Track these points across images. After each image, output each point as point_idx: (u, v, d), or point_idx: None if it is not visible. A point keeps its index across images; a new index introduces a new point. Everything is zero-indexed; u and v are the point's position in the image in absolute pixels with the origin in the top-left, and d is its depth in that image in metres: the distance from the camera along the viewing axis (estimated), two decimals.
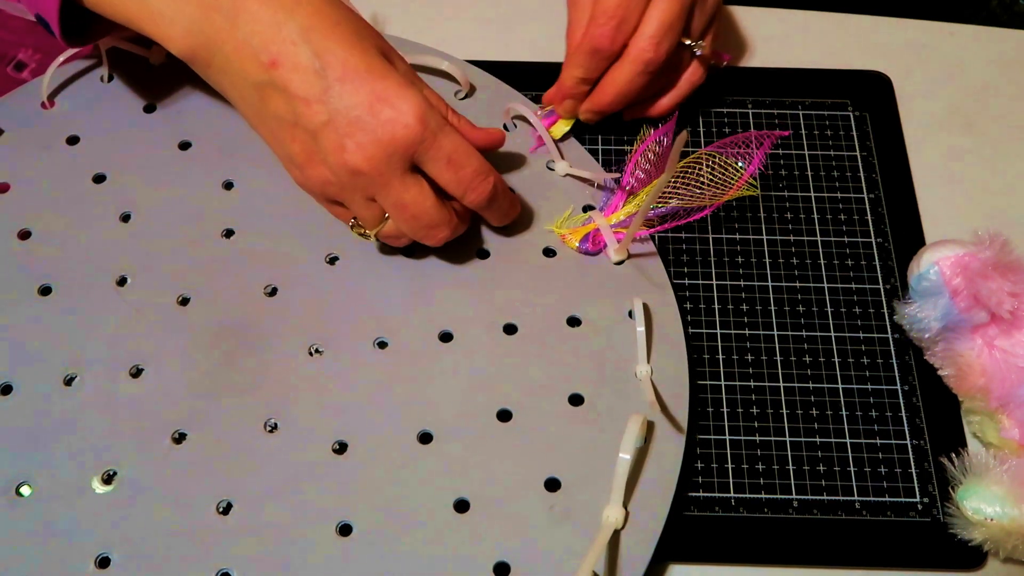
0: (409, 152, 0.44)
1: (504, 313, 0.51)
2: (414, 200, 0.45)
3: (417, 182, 0.45)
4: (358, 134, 0.43)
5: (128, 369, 0.49)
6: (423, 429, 0.47)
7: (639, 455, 0.46)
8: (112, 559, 0.44)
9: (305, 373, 0.49)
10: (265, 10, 0.43)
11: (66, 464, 0.46)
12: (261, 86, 0.44)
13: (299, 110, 0.44)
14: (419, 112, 0.43)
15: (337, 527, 0.45)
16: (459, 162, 0.45)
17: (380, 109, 0.43)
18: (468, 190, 0.46)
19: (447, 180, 0.46)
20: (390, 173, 0.44)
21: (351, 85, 0.43)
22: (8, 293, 0.51)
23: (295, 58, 0.43)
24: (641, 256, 0.53)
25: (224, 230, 0.53)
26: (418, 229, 0.47)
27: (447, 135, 0.44)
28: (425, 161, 0.45)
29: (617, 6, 0.50)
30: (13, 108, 0.57)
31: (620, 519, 0.44)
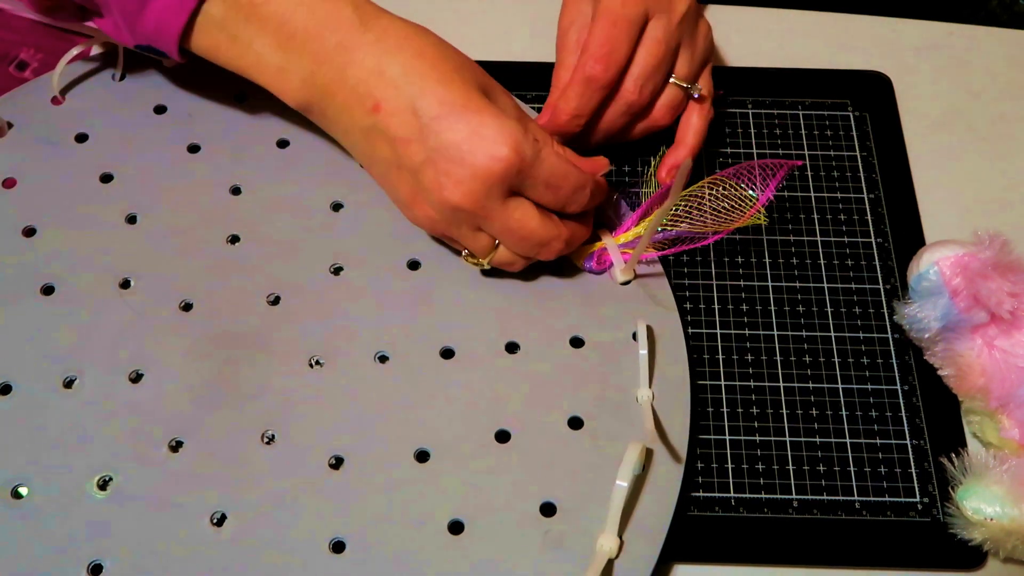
0: (506, 183, 0.45)
1: (507, 331, 0.50)
2: (519, 223, 0.46)
3: (520, 205, 0.46)
4: (455, 170, 0.44)
5: (128, 374, 0.48)
6: (420, 447, 0.47)
7: (636, 483, 0.46)
8: (104, 566, 0.44)
9: (305, 385, 0.48)
10: (370, 58, 0.45)
11: (62, 468, 0.46)
12: (367, 131, 0.46)
13: (400, 151, 0.46)
14: (513, 142, 0.44)
15: (330, 544, 0.44)
16: (557, 184, 0.46)
17: (475, 143, 0.44)
18: (568, 205, 0.47)
19: (547, 201, 0.47)
20: (490, 204, 0.45)
21: (447, 122, 0.44)
22: (10, 291, 0.50)
23: (395, 101, 0.45)
24: (648, 276, 0.52)
25: (229, 236, 0.53)
26: (530, 249, 0.48)
27: (542, 161, 0.45)
28: (524, 188, 0.46)
29: (607, 36, 0.50)
30: (23, 103, 0.56)
31: (614, 548, 0.44)
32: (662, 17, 0.52)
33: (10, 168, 0.54)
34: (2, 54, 0.59)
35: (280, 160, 0.55)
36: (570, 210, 0.48)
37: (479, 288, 0.52)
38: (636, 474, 0.45)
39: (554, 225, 0.48)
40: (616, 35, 0.50)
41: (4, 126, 0.55)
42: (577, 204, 0.47)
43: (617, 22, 0.50)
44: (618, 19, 0.50)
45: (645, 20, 0.51)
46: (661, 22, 0.51)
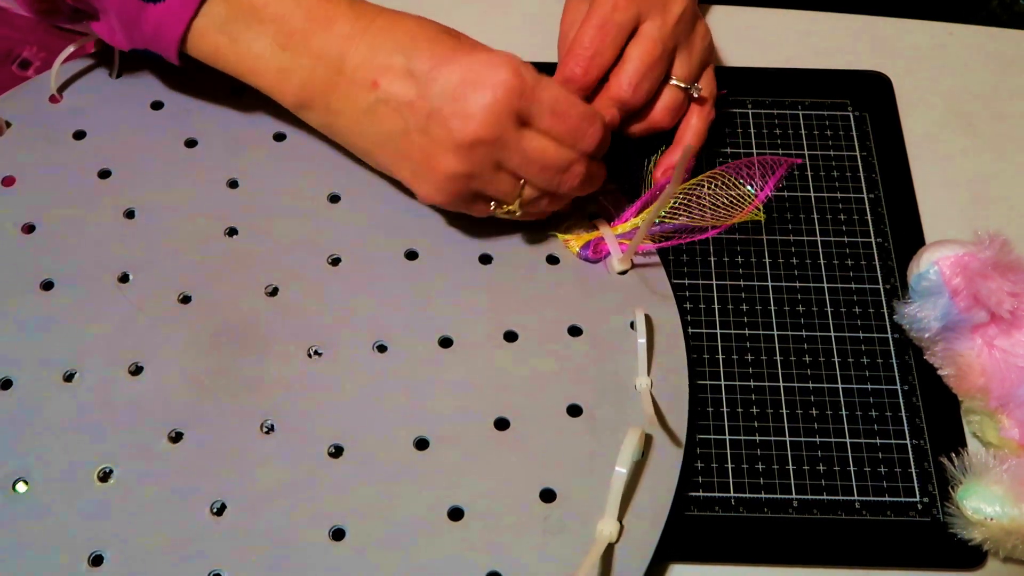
0: (513, 105, 0.45)
1: (505, 320, 0.50)
2: (537, 149, 0.46)
3: (535, 135, 0.46)
4: (463, 107, 0.45)
5: (128, 367, 0.49)
6: (419, 435, 0.47)
7: (636, 468, 0.46)
8: (105, 557, 0.44)
9: (303, 375, 0.49)
10: (363, 45, 0.47)
11: (63, 460, 0.46)
12: (371, 109, 0.47)
13: (406, 114, 0.46)
14: (512, 66, 0.45)
15: (330, 531, 0.45)
16: (564, 111, 0.46)
17: (475, 76, 0.45)
18: (579, 137, 0.47)
19: (558, 131, 0.46)
20: (505, 132, 0.45)
21: (442, 69, 0.45)
22: (10, 286, 0.51)
23: (390, 71, 0.46)
24: (645, 267, 0.53)
25: (227, 229, 0.53)
26: (552, 177, 0.47)
27: (545, 86, 0.46)
28: (531, 116, 0.46)
29: (592, 39, 0.51)
30: (21, 101, 0.57)
31: (614, 533, 0.44)
32: (656, 18, 0.52)
33: (9, 166, 0.54)
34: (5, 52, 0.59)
35: (277, 153, 0.55)
36: (583, 145, 0.47)
37: (477, 277, 0.52)
38: (636, 460, 0.45)
39: (573, 150, 0.47)
40: (601, 38, 0.51)
41: (3, 125, 0.56)
42: (590, 137, 0.47)
43: (604, 26, 0.50)
44: (605, 23, 0.51)
45: (637, 23, 0.51)
46: (656, 23, 0.51)
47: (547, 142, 0.47)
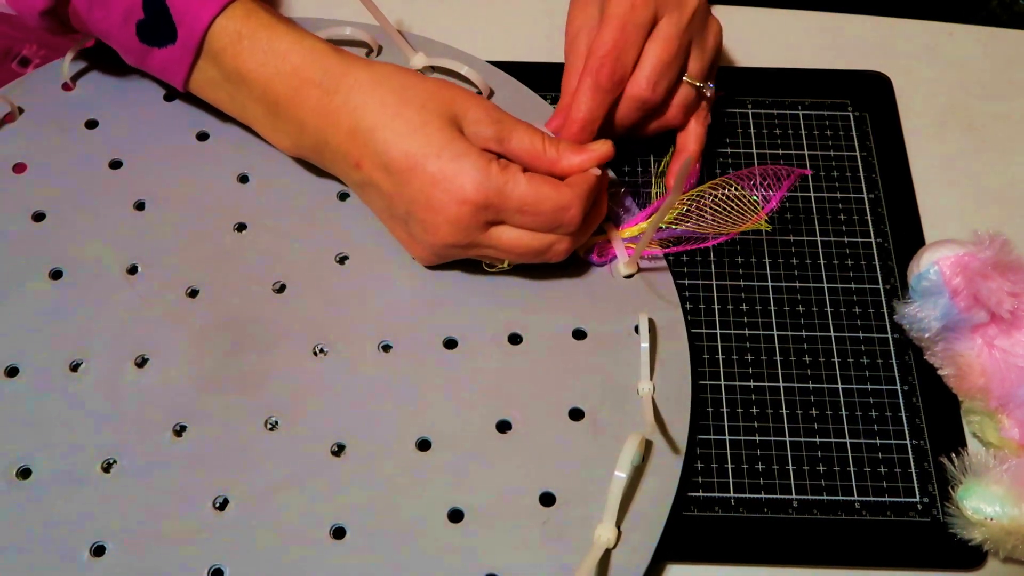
0: (478, 217, 0.46)
1: (510, 322, 0.51)
2: (511, 242, 0.48)
3: (507, 229, 0.48)
4: (431, 218, 0.47)
5: (134, 359, 0.49)
6: (422, 436, 0.47)
7: (635, 474, 0.46)
8: (107, 548, 0.44)
9: (308, 372, 0.49)
10: (343, 119, 0.48)
11: (67, 450, 0.46)
12: (359, 185, 0.51)
13: (387, 204, 0.49)
14: (474, 183, 0.46)
15: (331, 530, 0.45)
16: (533, 210, 0.47)
17: (439, 192, 0.46)
18: (555, 225, 0.48)
19: (532, 226, 0.48)
20: (476, 236, 0.47)
21: (411, 175, 0.46)
22: (19, 274, 0.51)
23: (370, 159, 0.48)
24: (651, 271, 0.53)
25: (236, 224, 0.53)
26: (535, 256, 0.49)
27: (508, 195, 0.46)
28: (502, 218, 0.47)
29: (615, 41, 0.50)
30: (34, 88, 0.57)
31: (612, 539, 0.44)
32: (674, 15, 0.51)
33: (20, 153, 0.55)
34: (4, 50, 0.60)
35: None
36: (564, 231, 0.48)
37: (483, 278, 0.52)
38: (635, 465, 0.45)
39: (551, 234, 0.48)
40: (623, 39, 0.50)
41: (15, 111, 0.56)
42: (567, 224, 0.47)
43: (624, 27, 0.50)
44: (625, 24, 0.50)
45: (654, 21, 0.51)
46: (672, 20, 0.51)
47: (521, 233, 0.48)
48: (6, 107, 0.56)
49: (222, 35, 0.49)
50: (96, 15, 0.50)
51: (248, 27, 0.49)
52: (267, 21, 0.50)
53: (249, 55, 0.49)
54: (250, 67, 0.49)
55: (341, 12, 0.59)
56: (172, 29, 0.49)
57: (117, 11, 0.50)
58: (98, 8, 0.50)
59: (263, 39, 0.49)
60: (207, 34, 0.49)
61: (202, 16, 0.49)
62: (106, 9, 0.50)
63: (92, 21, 0.51)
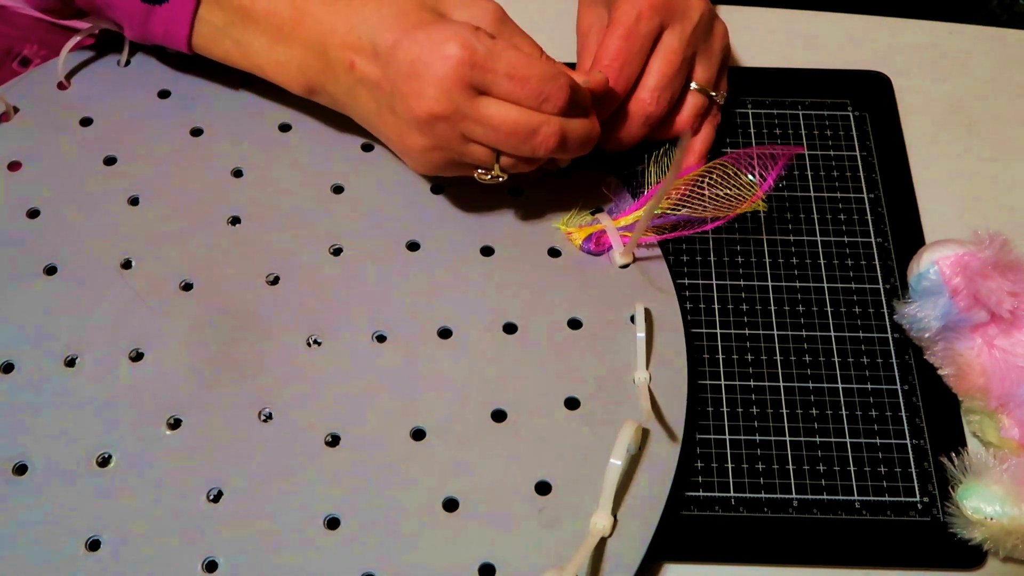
0: (464, 77, 0.44)
1: (505, 312, 0.51)
2: (498, 116, 0.45)
3: (493, 101, 0.45)
4: (415, 84, 0.45)
5: (128, 353, 0.49)
6: (416, 425, 0.47)
7: (632, 463, 0.46)
8: (103, 542, 0.44)
9: (302, 364, 0.49)
10: (341, 24, 0.48)
11: (63, 445, 0.46)
12: (352, 90, 0.49)
13: (376, 93, 0.48)
14: (459, 39, 0.44)
15: (325, 520, 0.45)
16: (521, 75, 0.45)
17: (424, 53, 0.44)
18: (542, 98, 0.45)
19: (518, 96, 0.45)
20: (461, 104, 0.45)
21: (399, 46, 0.45)
22: (14, 271, 0.51)
23: (362, 52, 0.47)
24: (647, 260, 0.53)
25: (230, 217, 0.53)
26: (522, 143, 0.46)
27: (499, 52, 0.45)
28: (487, 84, 0.45)
29: (619, 50, 0.50)
30: (29, 87, 0.57)
31: (608, 527, 0.44)
32: (677, 27, 0.51)
33: (16, 151, 0.55)
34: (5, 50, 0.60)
35: (282, 143, 0.56)
36: (548, 106, 0.46)
37: (478, 269, 0.52)
38: (631, 453, 0.45)
39: (538, 112, 0.46)
40: (628, 48, 0.50)
41: (10, 110, 0.56)
42: (554, 97, 0.45)
43: (630, 36, 0.50)
44: (631, 34, 0.50)
45: (659, 32, 0.51)
46: (676, 32, 0.51)
47: (508, 108, 0.45)
48: (1, 106, 0.56)
49: None
50: None
51: None
52: None
53: None
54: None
55: None
56: None
57: None
58: None
59: None
60: None
61: None
62: None
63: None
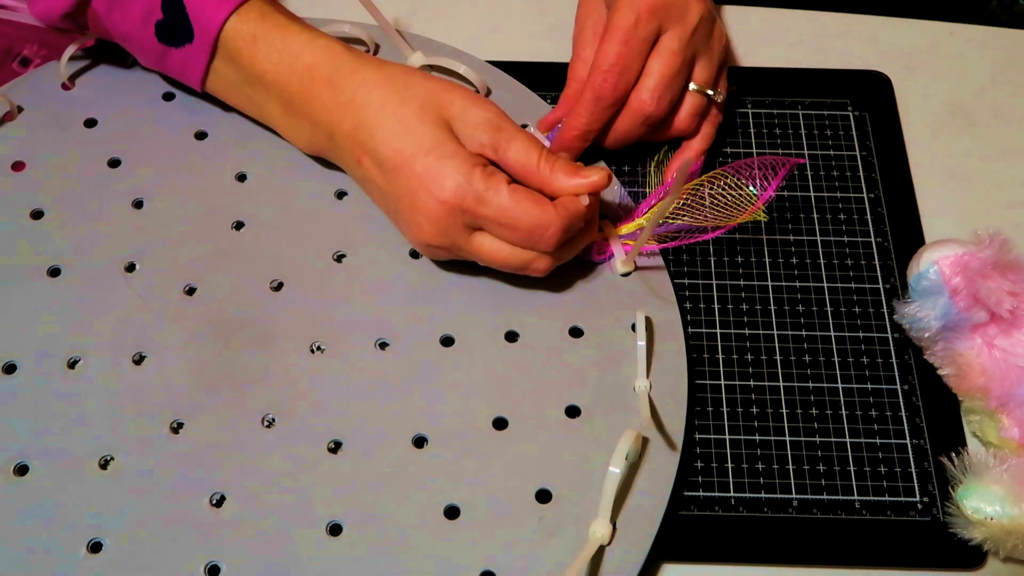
0: (456, 220, 0.47)
1: (507, 320, 0.51)
2: (491, 252, 0.48)
3: (486, 238, 0.48)
4: (413, 216, 0.47)
5: (131, 356, 0.49)
6: (418, 433, 0.47)
7: (631, 471, 0.46)
8: (104, 544, 0.44)
9: (305, 370, 0.49)
10: (347, 119, 0.49)
11: (65, 447, 0.46)
12: (361, 180, 0.52)
13: (382, 199, 0.50)
14: (454, 184, 0.46)
15: (327, 527, 0.45)
16: (510, 223, 0.46)
17: (422, 191, 0.46)
18: (533, 244, 0.47)
19: (509, 239, 0.47)
20: (456, 238, 0.48)
21: (400, 172, 0.47)
22: (17, 272, 0.51)
23: (369, 155, 0.49)
24: (648, 269, 0.53)
25: (235, 222, 0.53)
26: (514, 269, 0.49)
27: (488, 201, 0.46)
28: (480, 225, 0.47)
29: (618, 55, 0.50)
30: (34, 87, 0.57)
31: (607, 535, 0.44)
32: (676, 28, 0.51)
33: (19, 151, 0.55)
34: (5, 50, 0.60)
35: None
36: (542, 250, 0.47)
37: (480, 276, 0.52)
38: (630, 461, 0.45)
39: (529, 251, 0.48)
40: (627, 53, 0.50)
41: (15, 110, 0.56)
42: (546, 244, 0.47)
43: (629, 40, 0.50)
44: (630, 37, 0.50)
45: (658, 35, 0.51)
46: (676, 33, 0.51)
47: (500, 245, 0.48)
48: (5, 106, 0.56)
49: (236, 37, 0.50)
50: (115, 17, 0.51)
51: (263, 28, 0.50)
52: (281, 22, 0.50)
53: (264, 56, 0.50)
54: (265, 67, 0.50)
55: (341, 11, 0.59)
56: (189, 29, 0.50)
57: (136, 12, 0.50)
58: (118, 10, 0.51)
59: (277, 39, 0.50)
60: (221, 35, 0.50)
61: (216, 16, 0.50)
62: (125, 11, 0.51)
63: (111, 23, 0.51)
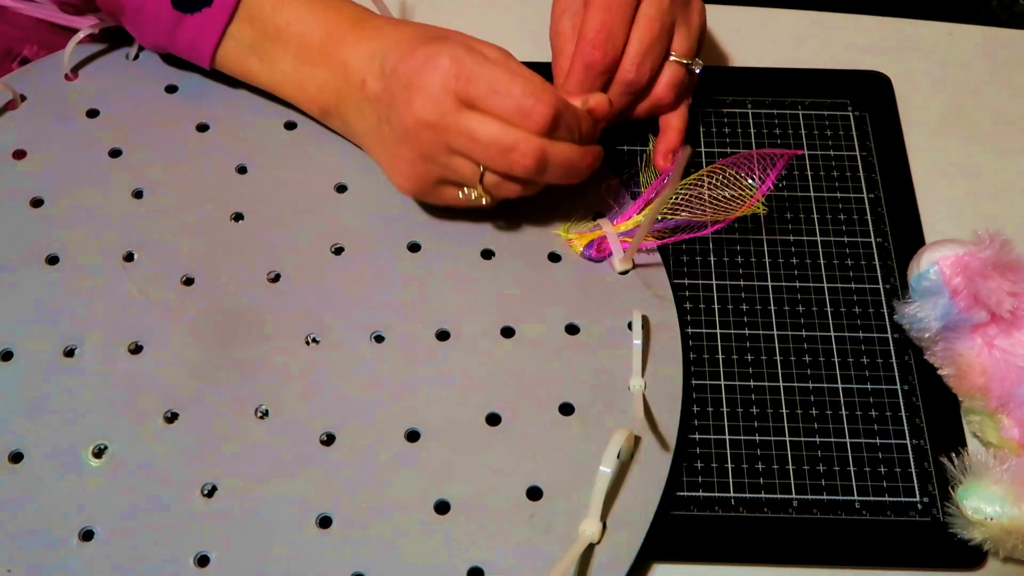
0: (450, 88, 0.46)
1: (503, 316, 0.51)
2: (480, 129, 0.46)
3: (477, 115, 0.47)
4: (409, 94, 0.47)
5: (128, 345, 0.49)
6: (411, 427, 0.47)
7: (624, 470, 0.46)
8: (96, 532, 0.44)
9: (300, 362, 0.49)
10: (363, 50, 0.50)
11: (60, 435, 0.46)
12: (360, 108, 0.51)
13: (379, 107, 0.49)
14: (450, 53, 0.46)
15: (317, 519, 0.45)
16: (504, 89, 0.46)
17: (419, 65, 0.47)
18: (524, 114, 0.46)
19: (500, 110, 0.46)
20: (447, 114, 0.46)
21: (401, 63, 0.48)
22: (16, 260, 0.51)
23: (372, 72, 0.49)
24: (646, 267, 0.53)
25: (233, 214, 0.53)
26: (502, 158, 0.47)
27: (486, 69, 0.46)
28: (474, 98, 0.46)
29: (603, 21, 0.51)
30: (38, 77, 0.58)
31: (596, 533, 0.44)
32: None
33: (21, 140, 0.55)
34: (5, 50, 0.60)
35: (287, 141, 0.56)
36: (530, 124, 0.46)
37: (478, 272, 0.52)
38: (622, 460, 0.45)
39: (518, 130, 0.47)
40: (611, 19, 0.51)
41: (18, 99, 0.56)
42: (537, 115, 0.46)
43: (611, 6, 0.51)
44: (611, 3, 0.51)
45: (637, 3, 0.52)
46: (654, 1, 0.52)
47: (490, 121, 0.46)
48: (8, 95, 0.56)
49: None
50: None
51: None
52: None
53: (290, 9, 0.51)
54: (289, 19, 0.51)
55: None
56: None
57: None
58: None
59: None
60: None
61: None
62: None
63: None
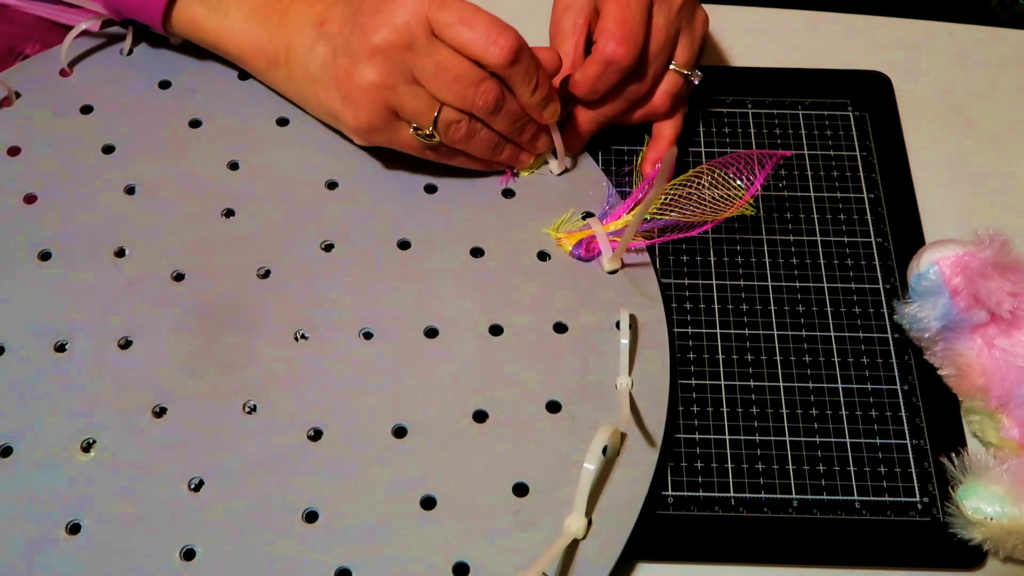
0: (422, 14, 0.46)
1: (492, 314, 0.51)
2: (446, 59, 0.47)
3: (447, 48, 0.47)
4: (380, 17, 0.47)
5: (118, 340, 0.49)
6: (398, 423, 0.47)
7: (610, 466, 0.46)
8: (83, 525, 0.44)
9: (289, 357, 0.49)
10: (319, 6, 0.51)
11: (49, 429, 0.47)
12: (311, 46, 0.51)
13: (336, 39, 0.49)
14: None
15: (304, 513, 0.45)
16: (471, 20, 0.46)
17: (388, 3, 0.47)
18: (491, 42, 0.46)
19: (466, 38, 0.47)
20: (416, 37, 0.47)
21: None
22: (8, 255, 0.51)
23: (336, 10, 0.50)
24: (635, 266, 0.53)
25: (225, 210, 0.54)
26: (465, 91, 0.48)
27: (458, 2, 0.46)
28: (441, 28, 0.46)
29: (624, 19, 0.50)
30: (32, 73, 0.58)
31: (581, 529, 0.44)
32: (664, 4, 0.52)
33: (15, 136, 0.55)
34: (6, 49, 0.60)
35: (279, 138, 0.56)
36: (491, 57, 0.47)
37: (467, 269, 0.52)
38: (608, 458, 0.45)
39: (483, 70, 0.48)
40: (632, 16, 0.50)
41: (12, 95, 0.57)
42: (500, 48, 0.46)
43: (631, 4, 0.50)
44: (629, 4, 0.50)
45: (651, 4, 0.52)
46: (663, 9, 0.52)
47: (458, 56, 0.47)
48: (3, 91, 0.56)
49: None
50: None
51: None
52: None
53: None
54: None
55: None
56: None
57: None
58: None
59: None
60: None
61: None
62: None
63: None
